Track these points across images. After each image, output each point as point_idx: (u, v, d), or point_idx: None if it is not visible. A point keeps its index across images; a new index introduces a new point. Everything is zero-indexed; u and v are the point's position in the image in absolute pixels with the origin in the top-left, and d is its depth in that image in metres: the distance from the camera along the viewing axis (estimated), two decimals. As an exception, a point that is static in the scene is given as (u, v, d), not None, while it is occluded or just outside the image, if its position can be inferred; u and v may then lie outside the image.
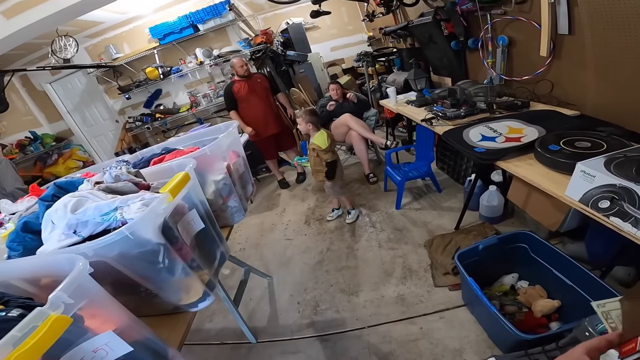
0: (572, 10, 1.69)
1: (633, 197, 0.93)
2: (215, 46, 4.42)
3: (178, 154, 1.70)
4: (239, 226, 3.06)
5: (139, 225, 0.88)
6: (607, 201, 1.01)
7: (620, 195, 0.97)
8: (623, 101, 1.65)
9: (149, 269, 0.97)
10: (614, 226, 1.00)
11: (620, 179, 0.97)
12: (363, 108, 3.36)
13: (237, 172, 1.87)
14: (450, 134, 1.72)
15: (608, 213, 1.01)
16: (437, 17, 2.60)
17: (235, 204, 1.75)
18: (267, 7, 5.77)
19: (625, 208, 0.96)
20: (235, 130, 1.85)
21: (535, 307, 1.48)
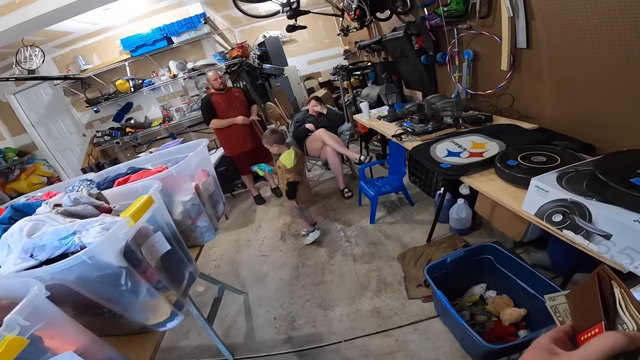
0: (530, 24, 1.78)
1: (583, 211, 0.98)
2: (190, 59, 4.37)
3: (144, 174, 1.66)
4: (213, 243, 3.02)
5: (98, 250, 0.88)
6: (559, 215, 1.05)
7: (572, 209, 1.01)
8: (578, 114, 1.74)
9: (111, 292, 0.97)
10: (567, 239, 1.04)
11: (570, 193, 1.01)
12: (338, 122, 3.40)
13: (207, 191, 1.84)
14: (418, 150, 1.75)
15: (561, 226, 1.05)
16: (409, 31, 2.69)
17: (204, 224, 1.72)
18: (244, 20, 5.80)
19: (577, 221, 1.00)
20: (204, 149, 1.81)
21: (503, 316, 1.53)
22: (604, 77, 1.53)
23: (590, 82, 1.60)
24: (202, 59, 4.32)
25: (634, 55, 1.35)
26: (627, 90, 1.45)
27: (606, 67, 1.49)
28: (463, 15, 2.12)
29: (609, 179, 0.94)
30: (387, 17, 3.20)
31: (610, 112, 1.56)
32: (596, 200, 0.97)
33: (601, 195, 0.97)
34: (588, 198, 0.98)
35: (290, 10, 2.88)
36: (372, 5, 2.96)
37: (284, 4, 2.90)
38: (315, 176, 3.92)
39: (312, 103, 3.36)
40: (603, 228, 0.94)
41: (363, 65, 4.19)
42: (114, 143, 4.48)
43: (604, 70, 1.51)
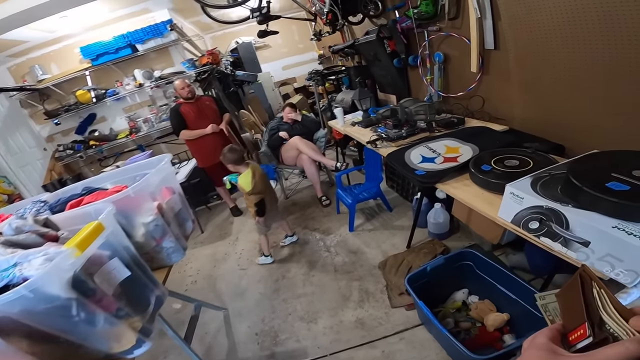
0: (497, 24, 1.79)
1: (560, 218, 0.94)
2: (157, 67, 4.18)
3: (100, 195, 1.54)
4: (189, 258, 2.92)
5: (40, 283, 0.84)
6: (536, 222, 1.02)
7: (548, 216, 0.98)
8: (546, 115, 1.75)
9: (63, 323, 0.93)
10: (545, 246, 1.01)
11: (546, 199, 0.98)
12: (313, 129, 3.33)
13: (172, 210, 1.73)
14: (393, 157, 1.71)
15: (538, 233, 1.02)
16: (381, 35, 2.67)
17: (171, 245, 1.62)
18: (215, 27, 5.65)
19: (554, 228, 0.97)
20: (167, 165, 1.70)
21: (487, 321, 1.52)
22: (569, 77, 1.54)
23: (556, 82, 1.62)
24: (170, 66, 4.14)
25: (597, 55, 1.37)
26: (592, 91, 1.46)
27: (571, 67, 1.50)
28: (433, 17, 2.12)
29: (584, 183, 0.92)
30: (360, 20, 3.18)
31: (576, 112, 1.58)
32: (572, 207, 0.94)
33: (576, 200, 0.94)
34: (564, 204, 0.95)
35: (260, 16, 2.80)
36: (344, 9, 2.92)
37: (254, 10, 2.81)
38: (292, 185, 3.83)
39: (287, 110, 3.27)
40: (581, 235, 0.91)
41: (337, 69, 4.16)
42: (77, 157, 4.21)
43: (569, 70, 1.52)
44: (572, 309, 0.45)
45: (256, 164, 2.25)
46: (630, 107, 1.34)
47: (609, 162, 0.99)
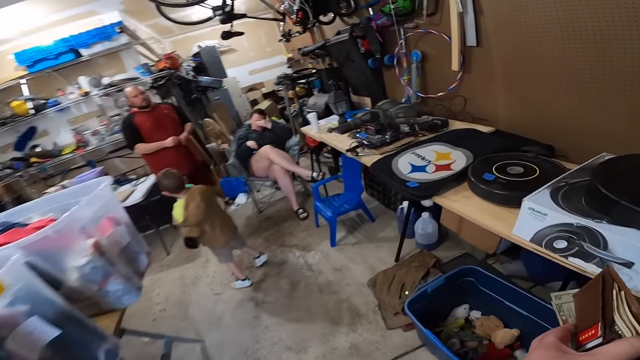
0: (479, 20, 1.66)
1: (596, 237, 0.78)
2: (106, 73, 3.74)
3: (15, 234, 1.25)
4: (155, 283, 2.61)
5: None
6: (563, 241, 0.85)
7: (579, 235, 0.81)
8: (533, 115, 1.65)
9: None
10: (575, 267, 0.85)
11: (576, 216, 0.82)
12: (285, 136, 3.09)
13: (117, 245, 1.44)
14: (379, 167, 1.51)
15: (566, 254, 0.86)
16: (354, 34, 2.50)
17: (118, 287, 1.34)
18: (176, 30, 5.25)
19: (587, 248, 0.80)
20: (106, 190, 1.39)
21: (496, 338, 1.40)
22: (558, 76, 1.43)
23: (543, 81, 1.51)
24: (121, 72, 3.73)
25: (590, 52, 1.26)
26: (582, 90, 1.36)
27: (560, 65, 1.40)
28: (410, 13, 1.97)
29: (620, 196, 0.76)
30: (331, 20, 3.00)
31: (566, 113, 1.48)
32: (607, 223, 0.78)
33: (610, 215, 0.78)
34: (597, 220, 0.79)
35: (224, 14, 2.51)
36: (315, 7, 2.73)
37: (216, 8, 2.52)
38: (265, 197, 3.55)
39: (255, 117, 3.00)
40: (622, 255, 0.75)
41: (308, 72, 3.95)
42: (17, 177, 3.65)
43: (558, 68, 1.41)
44: (587, 309, 0.46)
45: (199, 189, 1.92)
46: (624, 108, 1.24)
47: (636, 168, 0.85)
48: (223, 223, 2.06)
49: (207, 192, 1.98)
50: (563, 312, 0.54)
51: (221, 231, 2.03)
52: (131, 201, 2.77)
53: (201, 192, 1.93)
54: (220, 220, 2.04)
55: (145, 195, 2.88)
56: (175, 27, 4.99)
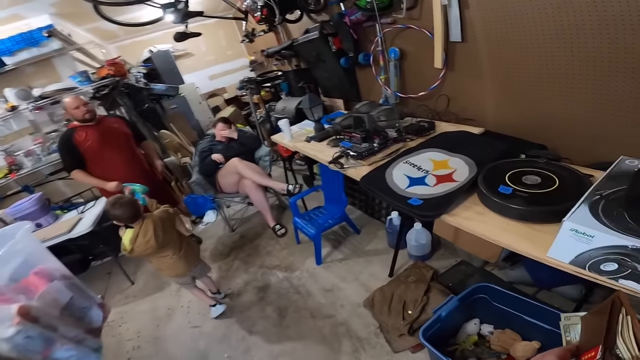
0: (464, 14, 1.55)
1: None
2: (37, 84, 3.22)
3: None
4: (122, 317, 2.30)
5: None
6: (613, 264, 0.72)
7: (634, 257, 0.68)
8: (523, 115, 1.57)
9: None
10: (627, 289, 0.72)
11: (630, 237, 0.68)
12: (254, 146, 2.81)
13: (54, 305, 1.17)
14: (370, 181, 1.33)
15: (616, 276, 0.73)
16: (324, 31, 2.31)
17: (70, 353, 1.12)
18: (122, 34, 4.69)
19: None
20: (28, 238, 1.08)
21: (516, 352, 1.30)
22: (552, 72, 1.35)
23: (535, 78, 1.43)
24: (56, 82, 3.22)
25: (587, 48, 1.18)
26: (579, 89, 1.28)
27: (554, 60, 1.31)
28: (387, 7, 1.81)
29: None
30: (298, 18, 2.79)
31: (560, 112, 1.40)
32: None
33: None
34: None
35: (177, 12, 2.18)
36: (281, 5, 2.49)
37: (167, 5, 2.19)
38: (236, 213, 3.24)
39: (219, 126, 2.69)
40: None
41: (273, 75, 3.70)
42: None
43: (552, 65, 1.33)
44: (593, 332, 0.48)
45: (155, 220, 1.63)
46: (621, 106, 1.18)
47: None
48: (181, 251, 1.78)
49: (164, 222, 1.68)
50: (568, 333, 0.58)
51: (178, 260, 1.76)
52: (79, 231, 2.40)
53: (156, 223, 1.62)
54: (177, 249, 1.76)
55: (96, 222, 2.48)
56: (121, 31, 4.46)
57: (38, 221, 2.57)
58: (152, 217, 1.63)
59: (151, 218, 1.62)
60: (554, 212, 0.86)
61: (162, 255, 1.71)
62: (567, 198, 0.88)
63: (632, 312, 0.42)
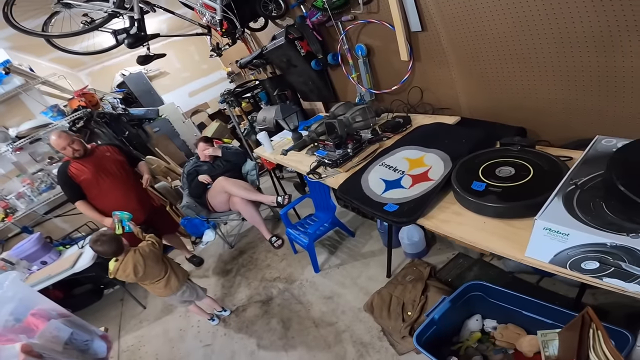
0: (419, 1, 1.51)
1: (636, 256, 0.62)
2: (10, 123, 3.14)
3: None
4: (140, 341, 2.38)
5: None
6: (594, 262, 0.69)
7: (615, 255, 0.65)
8: (494, 96, 1.53)
9: None
10: (613, 287, 0.69)
11: (608, 233, 0.65)
12: (239, 162, 2.77)
13: (56, 341, 1.24)
14: (347, 190, 1.30)
15: (600, 275, 0.70)
16: (290, 36, 2.26)
17: None
18: (89, 60, 4.61)
19: (627, 269, 0.64)
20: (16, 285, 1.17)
21: (522, 347, 1.27)
22: (511, 50, 1.32)
23: (497, 58, 1.40)
24: (29, 119, 3.14)
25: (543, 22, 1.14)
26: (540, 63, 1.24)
27: (511, 38, 1.28)
28: (345, 5, 1.77)
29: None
30: (263, 25, 2.74)
31: (527, 89, 1.37)
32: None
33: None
34: (634, 235, 0.62)
35: (130, 38, 2.13)
36: (240, 15, 2.44)
37: (118, 31, 2.14)
38: (233, 229, 3.22)
39: (201, 146, 2.65)
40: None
41: (252, 85, 3.65)
42: None
43: (509, 42, 1.30)
44: (568, 346, 0.52)
45: (136, 256, 1.64)
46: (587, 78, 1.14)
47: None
48: (166, 275, 1.79)
49: (146, 257, 1.68)
50: (547, 349, 0.64)
51: (164, 284, 1.78)
52: (81, 265, 2.40)
53: (136, 260, 1.63)
54: (160, 276, 1.78)
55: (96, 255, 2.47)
56: (87, 58, 4.38)
57: (43, 259, 2.61)
58: (133, 255, 1.63)
59: (132, 255, 1.62)
60: (529, 207, 0.83)
61: (145, 282, 1.75)
62: (541, 189, 0.85)
63: (601, 327, 0.45)
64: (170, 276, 1.79)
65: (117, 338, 2.46)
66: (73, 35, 1.98)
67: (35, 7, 1.96)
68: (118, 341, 2.43)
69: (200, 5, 2.34)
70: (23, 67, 3.08)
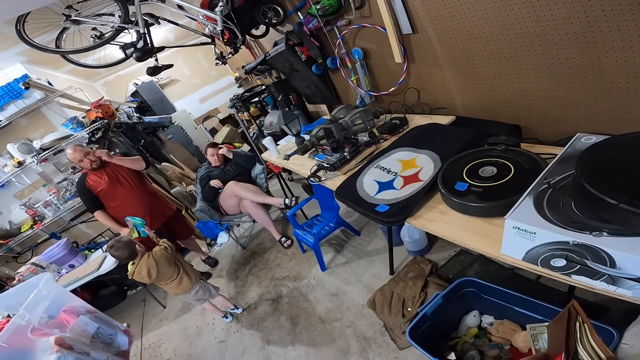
0: (407, 4, 1.55)
1: (600, 256, 0.66)
2: (34, 135, 3.34)
3: None
4: (160, 339, 2.54)
5: None
6: (561, 259, 0.72)
7: (579, 253, 0.69)
8: (487, 94, 1.55)
9: None
10: (582, 285, 0.72)
11: (570, 231, 0.69)
12: (249, 165, 2.88)
13: (85, 335, 1.41)
14: (343, 192, 1.36)
15: (568, 272, 0.73)
16: (290, 42, 2.34)
17: None
18: (103, 71, 4.76)
19: (591, 266, 0.68)
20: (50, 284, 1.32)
21: (517, 342, 1.29)
22: (499, 48, 1.34)
23: (487, 55, 1.42)
24: (51, 131, 3.33)
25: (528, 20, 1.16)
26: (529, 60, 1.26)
27: (499, 36, 1.30)
28: (338, 11, 1.83)
29: (617, 197, 0.63)
30: (264, 32, 2.82)
31: (518, 86, 1.39)
32: (608, 234, 0.65)
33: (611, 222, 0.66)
34: (597, 234, 0.66)
35: (137, 51, 2.24)
36: (241, 24, 2.52)
37: (126, 46, 2.25)
38: (246, 231, 3.34)
39: (209, 152, 2.76)
40: (634, 272, 0.62)
41: (258, 90, 3.74)
42: None
43: (498, 40, 1.32)
44: (556, 340, 0.53)
45: (150, 261, 1.79)
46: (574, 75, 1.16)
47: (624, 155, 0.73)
48: (178, 276, 1.93)
49: (160, 261, 1.82)
50: (537, 343, 0.64)
51: (177, 283, 1.92)
52: (105, 268, 2.56)
53: (150, 264, 1.76)
54: (174, 277, 1.92)
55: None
56: (101, 69, 4.58)
57: (70, 262, 2.79)
58: (147, 259, 1.76)
59: (145, 260, 1.75)
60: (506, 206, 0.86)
61: (160, 283, 1.89)
62: (517, 189, 0.88)
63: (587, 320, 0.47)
64: (183, 276, 1.91)
65: (140, 337, 2.61)
66: (85, 50, 2.11)
67: (45, 24, 2.03)
68: (140, 339, 2.58)
69: (202, 17, 2.44)
70: (41, 80, 3.24)
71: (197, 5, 2.28)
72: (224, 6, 2.19)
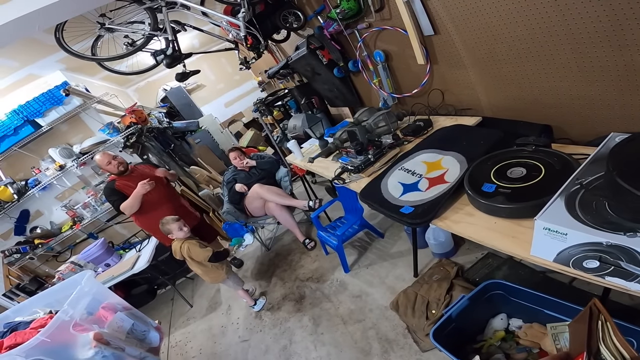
0: (428, 6, 1.55)
1: (633, 256, 0.65)
2: (74, 140, 3.57)
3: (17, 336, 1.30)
4: (186, 337, 2.64)
5: None
6: (594, 261, 0.72)
7: (613, 254, 0.68)
8: (512, 94, 1.53)
9: None
10: (616, 286, 0.71)
11: (604, 232, 0.68)
12: (273, 169, 2.95)
13: (120, 331, 1.50)
14: (368, 194, 1.38)
15: (601, 273, 0.72)
16: (311, 46, 2.39)
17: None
18: (135, 77, 4.99)
19: (626, 267, 0.67)
20: (91, 281, 1.40)
21: (546, 346, 1.23)
22: (525, 47, 1.31)
23: (512, 54, 1.39)
24: (89, 136, 3.54)
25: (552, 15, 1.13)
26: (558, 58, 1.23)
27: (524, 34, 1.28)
28: (358, 14, 1.85)
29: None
30: (286, 37, 2.89)
31: (546, 84, 1.35)
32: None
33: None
34: (631, 234, 0.65)
35: (167, 58, 2.37)
36: (263, 29, 2.60)
37: (156, 53, 2.38)
38: (270, 233, 3.42)
39: (231, 156, 2.85)
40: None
41: (281, 94, 3.83)
42: (27, 259, 3.57)
43: (522, 38, 1.30)
44: (578, 339, 0.52)
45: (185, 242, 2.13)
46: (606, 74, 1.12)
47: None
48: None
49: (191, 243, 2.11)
50: (558, 342, 0.62)
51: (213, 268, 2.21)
52: (139, 267, 2.70)
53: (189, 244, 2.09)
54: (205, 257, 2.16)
55: (152, 257, 2.79)
56: (133, 76, 4.79)
57: (107, 261, 2.94)
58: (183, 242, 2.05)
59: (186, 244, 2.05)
60: (536, 207, 0.85)
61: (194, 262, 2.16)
62: (548, 190, 0.87)
63: (610, 319, 0.46)
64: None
65: (168, 335, 2.72)
66: (120, 58, 2.26)
67: (82, 32, 2.14)
68: (168, 337, 2.68)
69: (226, 23, 2.52)
70: (79, 87, 3.46)
71: (221, 12, 2.36)
72: (245, 12, 2.25)
